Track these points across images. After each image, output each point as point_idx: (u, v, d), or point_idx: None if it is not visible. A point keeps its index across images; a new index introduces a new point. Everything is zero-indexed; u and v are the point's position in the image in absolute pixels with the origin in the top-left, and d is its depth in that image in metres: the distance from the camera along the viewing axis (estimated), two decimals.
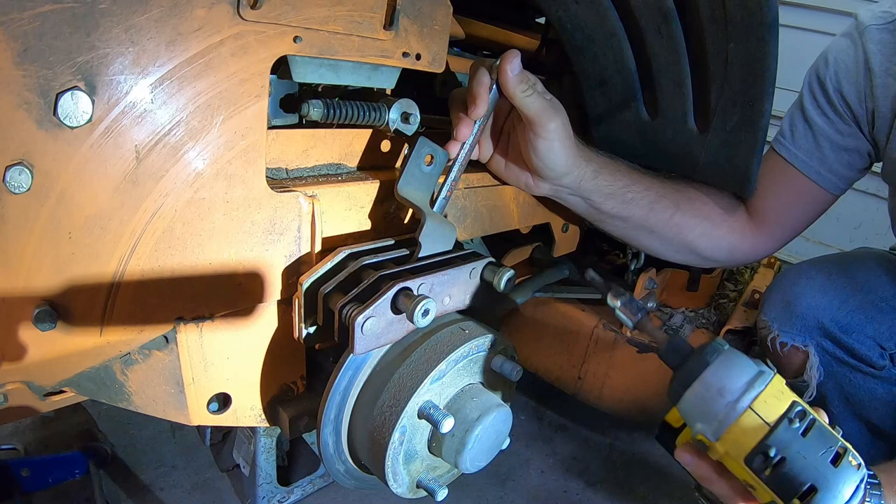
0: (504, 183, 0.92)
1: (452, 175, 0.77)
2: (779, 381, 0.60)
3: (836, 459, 0.55)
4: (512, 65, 0.73)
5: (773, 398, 0.58)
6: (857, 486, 0.54)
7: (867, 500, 0.63)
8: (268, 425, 0.78)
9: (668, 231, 0.99)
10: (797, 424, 0.56)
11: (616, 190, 0.92)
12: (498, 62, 0.74)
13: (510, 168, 0.88)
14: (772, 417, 0.56)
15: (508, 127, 0.86)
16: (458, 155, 0.77)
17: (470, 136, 0.77)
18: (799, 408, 0.57)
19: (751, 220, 1.05)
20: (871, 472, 0.65)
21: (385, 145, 0.79)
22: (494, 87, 0.74)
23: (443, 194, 0.77)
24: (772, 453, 0.55)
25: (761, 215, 1.05)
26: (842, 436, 0.58)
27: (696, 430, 0.60)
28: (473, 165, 0.87)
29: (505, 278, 0.75)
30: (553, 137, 0.79)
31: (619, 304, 0.69)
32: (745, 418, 0.57)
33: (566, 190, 0.90)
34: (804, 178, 1.03)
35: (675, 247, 1.03)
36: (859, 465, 0.56)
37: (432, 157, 0.74)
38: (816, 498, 0.53)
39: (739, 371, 0.59)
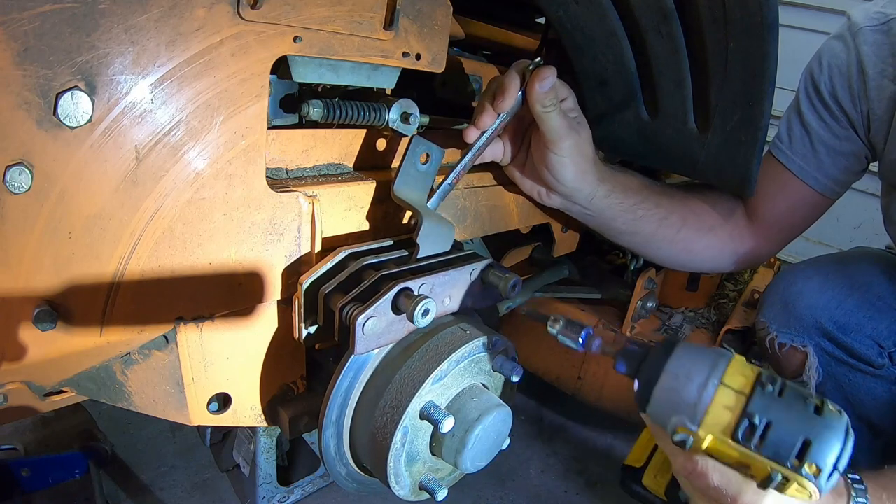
0: (508, 185, 0.92)
1: (463, 162, 0.77)
2: (740, 358, 0.60)
3: (818, 410, 0.55)
4: (542, 82, 0.74)
5: (739, 372, 0.58)
6: (846, 429, 0.55)
7: (853, 494, 0.64)
8: (268, 425, 0.78)
9: (675, 245, 1.01)
10: (770, 388, 0.56)
11: (627, 208, 0.93)
12: (531, 68, 0.75)
13: (525, 175, 0.89)
14: (745, 388, 0.57)
15: (530, 133, 0.87)
16: (473, 143, 0.77)
17: (489, 129, 0.77)
18: (767, 374, 0.58)
19: (750, 224, 1.06)
20: (858, 477, 0.66)
21: (385, 145, 0.79)
22: (521, 92, 0.76)
23: (448, 180, 0.76)
24: (756, 420, 0.54)
25: (760, 219, 1.06)
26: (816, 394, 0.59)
27: (672, 426, 0.59)
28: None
29: (510, 285, 0.75)
30: (565, 154, 0.81)
31: (557, 328, 0.68)
32: (720, 395, 0.57)
33: (577, 206, 0.91)
34: (801, 182, 1.04)
35: (682, 260, 1.05)
36: (839, 410, 0.56)
37: (428, 156, 0.74)
38: (813, 450, 0.53)
39: (700, 356, 0.60)
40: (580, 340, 0.67)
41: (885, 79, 0.93)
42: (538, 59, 0.77)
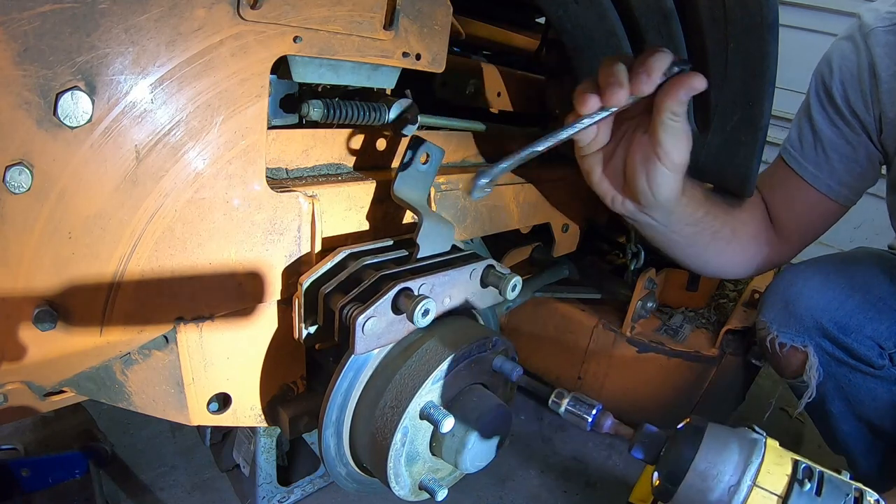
0: (508, 185, 0.91)
1: (564, 134, 0.68)
2: (773, 444, 0.56)
3: None
4: (689, 90, 0.68)
5: (774, 465, 0.53)
6: None
7: None
8: (268, 425, 0.78)
9: (723, 256, 1.00)
10: (808, 485, 0.51)
11: (692, 221, 0.90)
12: (678, 70, 0.68)
13: (606, 175, 0.82)
14: (780, 487, 0.52)
15: (632, 131, 0.78)
16: (587, 115, 0.68)
17: (614, 108, 0.68)
18: (804, 466, 0.54)
19: (773, 229, 1.06)
20: (878, 497, 0.62)
21: (385, 145, 0.79)
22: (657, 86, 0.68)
23: (539, 146, 0.67)
24: None
25: (779, 224, 1.06)
26: (851, 478, 0.55)
27: None
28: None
29: (511, 286, 0.74)
30: (672, 169, 0.75)
31: (564, 405, 0.62)
32: (753, 498, 0.52)
33: (648, 217, 0.86)
34: (814, 190, 1.02)
35: (723, 268, 1.04)
36: (877, 500, 0.53)
37: (428, 156, 0.74)
38: None
39: (730, 447, 0.55)
40: (589, 420, 0.62)
41: None
42: (688, 63, 0.69)
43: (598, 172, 0.82)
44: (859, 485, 0.53)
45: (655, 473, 0.58)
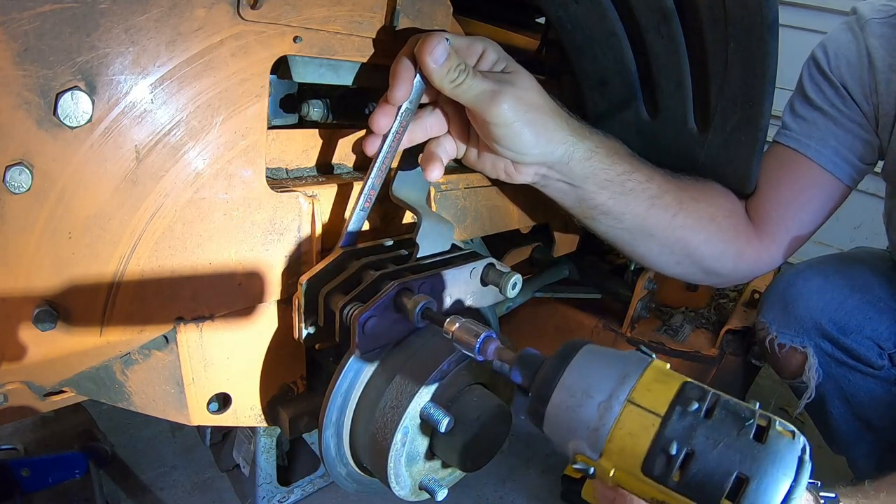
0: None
1: (370, 180, 0.66)
2: (659, 365, 0.48)
3: (761, 434, 0.42)
4: (433, 55, 0.61)
5: (657, 383, 0.45)
6: (800, 460, 0.41)
7: None
8: (268, 425, 0.78)
9: (670, 234, 0.88)
10: (696, 405, 0.43)
11: (613, 177, 0.79)
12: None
13: (484, 158, 0.77)
14: (661, 406, 0.44)
15: (467, 112, 0.72)
16: (378, 153, 0.66)
17: (390, 129, 0.66)
18: (693, 386, 0.45)
19: (751, 224, 0.98)
20: (833, 495, 0.56)
21: None
22: (418, 76, 0.64)
23: (360, 204, 0.67)
24: (673, 450, 0.42)
25: (766, 218, 0.96)
26: (760, 407, 0.47)
27: (570, 452, 0.47)
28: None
29: (511, 284, 0.74)
30: (505, 121, 0.67)
31: (453, 333, 0.56)
32: (627, 416, 0.44)
33: (554, 175, 0.78)
34: (815, 166, 0.96)
35: (676, 255, 0.92)
36: (793, 433, 0.43)
37: None
38: (750, 489, 0.40)
39: (606, 363, 0.48)
40: (476, 345, 0.56)
41: (894, 73, 0.90)
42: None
43: (477, 162, 0.78)
44: (769, 414, 0.45)
45: (530, 395, 0.52)
